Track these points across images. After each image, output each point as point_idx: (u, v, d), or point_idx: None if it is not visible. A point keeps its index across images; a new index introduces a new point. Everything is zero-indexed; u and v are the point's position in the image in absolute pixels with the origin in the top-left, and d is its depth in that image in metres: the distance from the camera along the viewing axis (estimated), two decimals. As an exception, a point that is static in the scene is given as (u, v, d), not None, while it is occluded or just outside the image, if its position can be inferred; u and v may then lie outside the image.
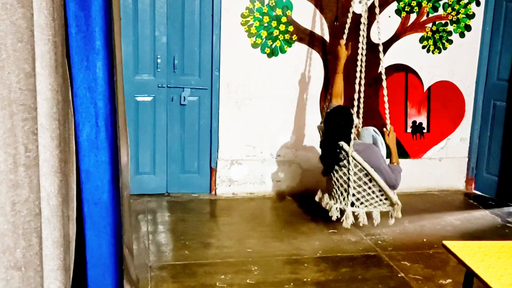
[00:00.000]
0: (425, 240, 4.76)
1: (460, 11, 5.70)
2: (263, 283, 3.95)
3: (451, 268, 4.25)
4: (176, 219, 5.01)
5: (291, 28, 5.40)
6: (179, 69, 5.36)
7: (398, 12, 5.59)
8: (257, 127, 5.55)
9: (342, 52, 4.75)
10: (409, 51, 5.69)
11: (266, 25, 5.36)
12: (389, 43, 5.56)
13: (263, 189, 5.66)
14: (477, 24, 5.77)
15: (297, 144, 5.65)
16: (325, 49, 5.54)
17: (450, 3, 5.66)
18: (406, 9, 5.60)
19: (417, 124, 5.87)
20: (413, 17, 5.64)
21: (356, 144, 4.46)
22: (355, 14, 4.94)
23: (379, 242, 4.65)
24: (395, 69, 5.67)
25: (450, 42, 5.76)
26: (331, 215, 4.62)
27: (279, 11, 5.34)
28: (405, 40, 5.67)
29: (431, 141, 5.95)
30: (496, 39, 5.75)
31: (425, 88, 5.83)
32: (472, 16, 5.74)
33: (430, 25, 5.69)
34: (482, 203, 5.69)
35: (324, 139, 4.67)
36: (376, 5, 4.52)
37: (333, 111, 4.55)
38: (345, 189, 4.53)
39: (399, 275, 4.14)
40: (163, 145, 5.46)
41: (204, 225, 4.94)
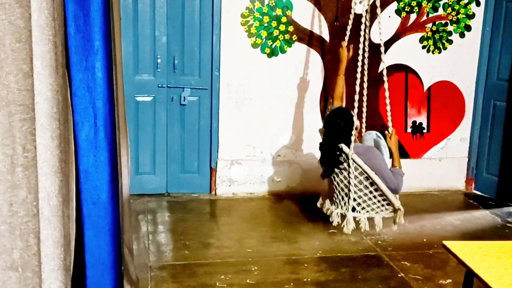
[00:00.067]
0: (425, 240, 4.76)
1: (460, 11, 5.70)
2: (263, 283, 3.95)
3: (451, 268, 4.25)
4: (176, 219, 5.01)
5: (291, 28, 5.40)
6: (179, 69, 5.36)
7: (398, 12, 5.59)
8: (257, 127, 5.55)
9: (343, 54, 4.68)
10: (409, 51, 5.69)
11: (266, 25, 5.36)
12: (389, 43, 5.56)
13: (263, 189, 5.66)
14: (477, 24, 5.77)
15: (297, 144, 5.65)
16: (325, 49, 5.54)
17: (450, 3, 5.66)
18: (406, 9, 5.60)
19: (417, 124, 5.88)
20: (413, 17, 5.64)
21: (356, 146, 4.34)
22: (355, 14, 4.92)
23: (379, 242, 4.65)
24: (395, 69, 5.67)
25: (450, 42, 5.76)
26: (331, 220, 4.53)
27: (279, 11, 5.34)
28: (405, 40, 5.67)
29: (431, 141, 5.95)
30: (496, 39, 5.75)
31: (425, 88, 5.83)
32: (472, 16, 5.74)
33: (430, 25, 5.69)
34: (482, 203, 5.69)
35: (323, 141, 4.57)
36: (377, 5, 4.50)
37: (333, 113, 4.48)
38: (345, 193, 4.41)
39: (399, 275, 4.14)
40: (163, 145, 5.46)
41: (204, 225, 4.94)
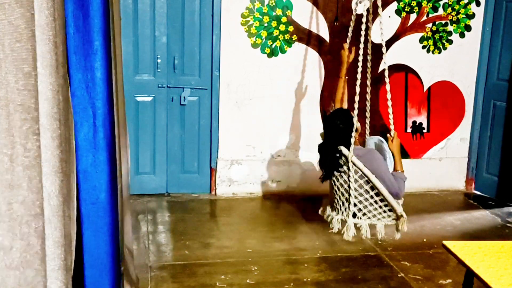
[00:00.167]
0: (425, 240, 4.76)
1: (460, 11, 5.70)
2: (263, 283, 3.95)
3: (451, 268, 4.25)
4: (176, 219, 5.01)
5: (291, 28, 5.40)
6: (179, 69, 5.36)
7: (398, 12, 5.59)
8: (257, 127, 5.55)
9: (345, 56, 4.59)
10: (409, 51, 5.69)
11: (266, 25, 5.36)
12: (389, 43, 5.56)
13: (263, 189, 5.66)
14: (477, 24, 5.77)
15: (297, 144, 5.65)
16: (325, 49, 5.54)
17: (450, 3, 5.66)
18: (406, 9, 5.60)
19: (417, 124, 5.87)
20: (413, 17, 5.64)
21: (356, 149, 4.20)
22: (357, 15, 4.90)
23: (379, 242, 4.64)
24: (395, 69, 5.66)
25: (450, 42, 5.76)
26: (331, 226, 4.38)
27: (279, 11, 5.34)
28: (405, 40, 5.67)
29: (431, 141, 5.95)
30: (496, 39, 5.75)
31: (425, 88, 5.83)
32: (472, 16, 5.74)
33: (430, 25, 5.69)
34: (482, 203, 5.69)
35: (322, 143, 4.44)
36: (378, 5, 4.46)
37: (332, 114, 4.38)
38: (346, 198, 4.25)
39: (399, 275, 4.14)
40: (163, 145, 5.46)
41: (204, 225, 4.94)
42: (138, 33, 5.23)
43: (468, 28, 5.76)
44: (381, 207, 4.18)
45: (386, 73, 4.39)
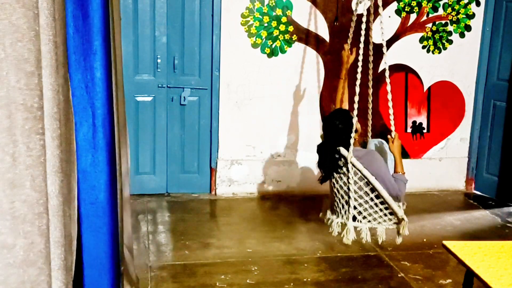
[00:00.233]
0: (425, 240, 4.76)
1: (460, 11, 5.70)
2: (263, 283, 3.95)
3: (451, 268, 4.25)
4: (176, 219, 5.01)
5: (291, 28, 5.40)
6: (179, 69, 5.36)
7: (398, 12, 5.59)
8: (257, 127, 5.55)
9: (346, 56, 4.51)
10: (409, 51, 5.69)
11: (266, 25, 5.36)
12: (389, 43, 5.56)
13: (263, 189, 5.66)
14: (477, 24, 5.77)
15: (297, 144, 5.65)
16: (325, 49, 5.54)
17: (450, 3, 5.66)
18: (406, 9, 5.60)
19: (417, 124, 5.88)
20: (413, 17, 5.64)
21: (356, 150, 4.09)
22: (357, 15, 4.87)
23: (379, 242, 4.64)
24: (395, 69, 5.66)
25: (450, 42, 5.76)
26: (331, 230, 4.24)
27: (279, 11, 5.34)
28: (405, 40, 5.67)
29: (431, 141, 5.95)
30: (496, 39, 5.75)
31: (425, 88, 5.83)
32: (472, 16, 5.74)
33: (430, 25, 5.69)
34: (482, 203, 5.69)
35: (321, 143, 4.35)
36: (379, 4, 4.41)
37: (331, 114, 4.29)
38: (346, 201, 4.13)
39: (399, 275, 4.14)
40: (163, 145, 5.46)
41: (204, 225, 4.94)
42: (138, 33, 5.23)
43: (468, 28, 5.76)
44: (381, 210, 4.07)
45: (387, 73, 4.27)
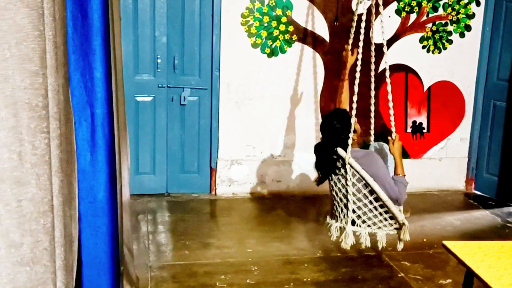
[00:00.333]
0: (425, 240, 4.76)
1: (460, 11, 5.70)
2: (263, 283, 3.95)
3: (451, 268, 4.25)
4: (176, 219, 5.01)
5: (291, 28, 5.41)
6: (179, 69, 5.36)
7: (398, 12, 5.59)
8: (257, 127, 5.55)
9: (347, 57, 4.38)
10: (409, 51, 5.69)
11: (266, 25, 5.36)
12: (389, 43, 5.55)
13: (263, 189, 5.66)
14: (477, 24, 5.77)
15: (297, 144, 5.65)
16: (325, 49, 5.54)
17: (450, 3, 5.66)
18: (406, 9, 5.60)
19: (417, 124, 5.88)
20: (413, 17, 5.64)
21: (354, 151, 3.98)
22: (358, 15, 4.84)
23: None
24: (395, 69, 5.66)
25: (450, 42, 5.76)
26: (330, 235, 4.13)
27: (279, 11, 5.34)
28: (405, 40, 5.67)
29: (431, 141, 5.95)
30: (496, 39, 5.75)
31: (425, 88, 5.83)
32: (472, 16, 5.74)
33: (430, 25, 5.69)
34: (482, 203, 5.69)
35: (318, 143, 4.20)
36: (380, 3, 4.38)
37: (329, 114, 4.18)
38: (344, 204, 4.01)
39: (399, 275, 4.14)
40: (163, 145, 5.46)
41: (204, 225, 4.94)
42: (138, 33, 5.22)
43: (468, 28, 5.76)
44: (381, 214, 3.95)
45: (387, 73, 4.24)
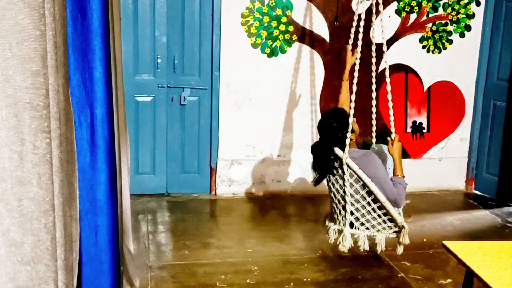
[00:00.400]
0: (425, 240, 4.76)
1: (460, 11, 5.70)
2: (263, 283, 3.95)
3: (451, 268, 4.25)
4: (176, 219, 5.01)
5: (291, 28, 5.41)
6: (179, 69, 5.36)
7: (398, 12, 5.59)
8: (257, 127, 5.55)
9: (348, 57, 4.34)
10: (409, 51, 5.69)
11: (266, 25, 5.36)
12: (389, 43, 5.56)
13: (263, 189, 5.66)
14: (477, 24, 5.77)
15: (297, 144, 5.65)
16: (325, 49, 5.54)
17: (450, 3, 5.66)
18: (406, 9, 5.60)
19: (417, 124, 5.88)
20: (413, 17, 5.64)
21: (352, 151, 3.92)
22: (358, 15, 4.83)
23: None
24: (395, 69, 5.66)
25: (450, 42, 5.76)
26: (328, 237, 4.11)
27: (279, 11, 5.34)
28: (405, 40, 5.67)
29: (431, 141, 5.95)
30: (496, 39, 5.75)
31: (425, 88, 5.83)
32: (472, 16, 5.74)
33: (430, 25, 5.69)
34: (482, 203, 5.69)
35: (316, 143, 4.15)
36: (380, 2, 4.37)
37: (326, 113, 4.15)
38: (343, 206, 3.95)
39: (399, 275, 4.14)
40: (163, 145, 5.46)
41: (204, 225, 4.94)
42: (138, 33, 5.22)
43: (468, 28, 5.76)
44: (380, 216, 3.90)
45: (387, 72, 4.22)
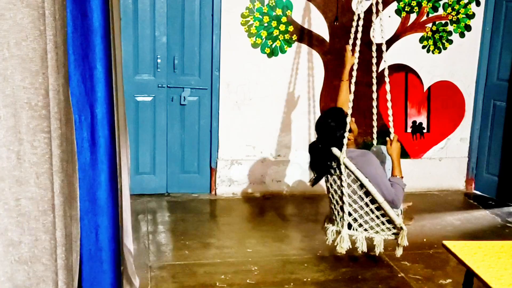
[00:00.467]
0: (425, 240, 4.76)
1: (460, 11, 5.70)
2: (263, 283, 3.95)
3: (451, 268, 4.25)
4: (176, 219, 5.01)
5: (291, 28, 5.41)
6: (179, 69, 5.36)
7: (398, 12, 5.60)
8: (257, 127, 5.55)
9: (348, 57, 4.30)
10: (409, 51, 5.69)
11: (266, 25, 5.36)
12: (389, 43, 5.56)
13: (263, 189, 5.66)
14: (477, 24, 5.77)
15: (297, 144, 5.65)
16: (325, 49, 5.54)
17: (450, 3, 5.66)
18: (406, 9, 5.60)
19: (417, 124, 5.88)
20: (413, 17, 5.64)
21: (350, 151, 3.88)
22: (358, 16, 4.83)
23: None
24: (395, 69, 5.66)
25: (450, 42, 5.76)
26: (326, 238, 4.11)
27: (279, 11, 5.34)
28: (405, 40, 5.67)
29: (431, 141, 5.95)
30: (496, 39, 5.76)
31: (425, 88, 5.83)
32: (472, 16, 5.74)
33: (430, 25, 5.69)
34: (482, 203, 5.69)
35: (313, 143, 4.11)
36: (379, 1, 4.35)
37: (324, 113, 4.12)
38: (341, 206, 3.91)
39: (399, 275, 4.14)
40: (163, 145, 5.46)
41: (204, 225, 4.94)
42: (138, 33, 5.22)
43: (468, 28, 5.76)
44: (378, 217, 3.87)
45: (386, 72, 4.21)
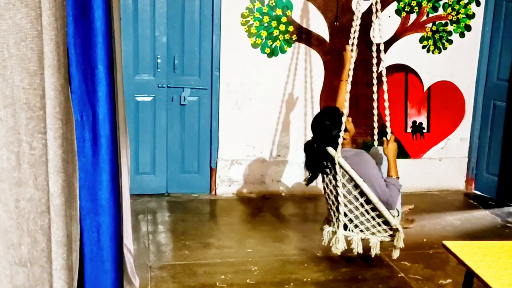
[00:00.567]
0: (425, 240, 4.76)
1: (460, 11, 5.71)
2: (263, 283, 3.95)
3: (451, 268, 4.25)
4: (176, 219, 5.01)
5: (291, 28, 5.41)
6: (179, 69, 5.36)
7: (398, 12, 5.60)
8: (257, 127, 5.55)
9: (347, 57, 4.22)
10: (409, 51, 5.69)
11: (266, 25, 5.36)
12: (389, 43, 5.56)
13: (263, 189, 5.66)
14: (477, 24, 5.77)
15: (297, 144, 5.65)
16: (325, 49, 5.54)
17: (450, 3, 5.66)
18: (406, 9, 5.61)
19: (417, 124, 5.88)
20: (413, 17, 5.64)
21: (345, 150, 3.85)
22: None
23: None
24: (395, 69, 5.67)
25: (450, 42, 5.76)
26: (322, 239, 4.10)
27: (279, 11, 5.34)
28: (405, 40, 5.67)
29: (431, 141, 5.95)
30: (496, 39, 5.76)
31: (425, 88, 5.83)
32: (472, 16, 5.74)
33: (430, 25, 5.69)
34: (482, 203, 5.69)
35: (308, 142, 4.08)
36: (378, 1, 4.35)
37: (320, 112, 4.11)
38: (336, 207, 3.88)
39: (399, 275, 4.14)
40: (163, 145, 5.46)
41: (204, 225, 4.94)
42: (138, 33, 5.23)
43: (468, 28, 5.76)
44: (374, 218, 3.84)
45: (383, 71, 4.19)
